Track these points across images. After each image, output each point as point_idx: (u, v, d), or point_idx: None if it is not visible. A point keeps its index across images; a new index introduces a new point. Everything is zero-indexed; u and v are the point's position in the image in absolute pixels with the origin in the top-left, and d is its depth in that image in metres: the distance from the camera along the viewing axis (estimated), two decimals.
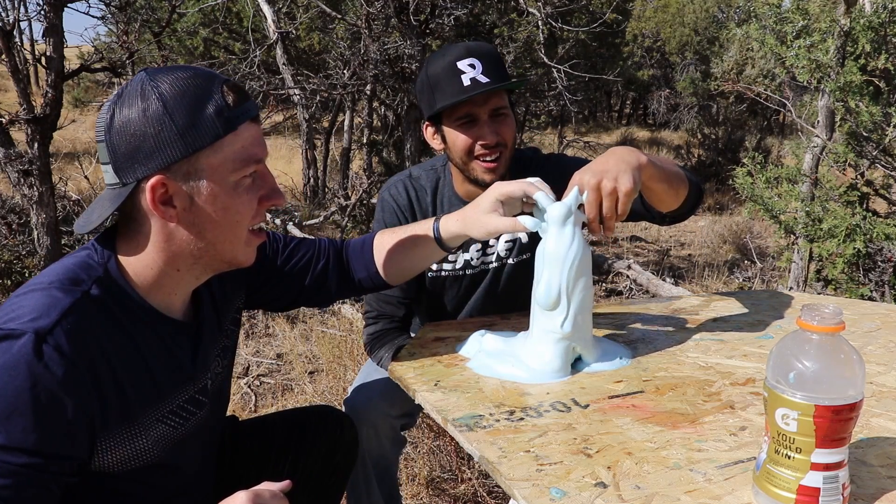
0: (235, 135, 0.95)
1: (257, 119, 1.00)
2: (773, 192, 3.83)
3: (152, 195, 0.93)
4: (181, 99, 0.92)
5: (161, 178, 0.92)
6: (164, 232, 0.97)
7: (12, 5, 3.66)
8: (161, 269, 0.99)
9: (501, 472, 0.89)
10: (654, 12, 14.47)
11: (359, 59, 5.54)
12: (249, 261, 1.06)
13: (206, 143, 0.93)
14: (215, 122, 0.93)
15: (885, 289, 3.47)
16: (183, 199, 0.95)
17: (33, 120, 3.26)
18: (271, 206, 1.03)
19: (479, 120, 1.50)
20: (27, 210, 3.69)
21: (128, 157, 0.92)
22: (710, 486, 0.85)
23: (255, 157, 0.98)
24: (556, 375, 1.17)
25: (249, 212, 1.00)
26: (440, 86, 1.49)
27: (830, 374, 0.77)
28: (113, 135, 0.92)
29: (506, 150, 1.52)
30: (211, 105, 0.93)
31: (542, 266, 1.20)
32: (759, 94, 7.53)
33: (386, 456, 1.68)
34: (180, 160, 0.92)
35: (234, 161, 0.96)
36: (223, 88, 0.95)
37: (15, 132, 3.71)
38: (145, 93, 0.92)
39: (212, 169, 0.95)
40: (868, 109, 3.30)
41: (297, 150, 9.06)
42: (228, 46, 8.91)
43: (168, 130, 0.91)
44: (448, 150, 1.56)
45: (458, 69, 1.47)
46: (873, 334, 1.40)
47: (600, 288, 4.82)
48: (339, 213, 5.49)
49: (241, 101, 0.96)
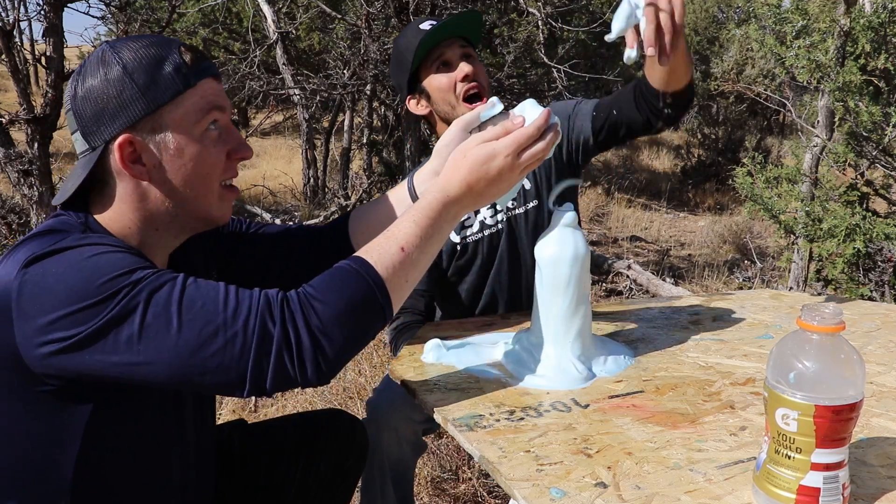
0: (195, 89, 0.99)
1: (217, 77, 1.03)
2: (773, 192, 3.83)
3: (120, 154, 0.96)
4: (141, 62, 0.96)
5: (128, 137, 0.96)
6: (138, 192, 0.99)
7: (12, 5, 3.67)
8: (140, 228, 1.01)
9: (501, 472, 0.89)
10: None
11: (359, 59, 5.54)
12: (225, 217, 1.08)
13: (167, 98, 0.97)
14: (175, 78, 0.97)
15: (885, 289, 3.47)
16: (151, 156, 0.98)
17: (33, 120, 3.26)
18: (240, 158, 1.05)
19: (452, 63, 1.61)
20: (27, 210, 3.69)
21: (94, 121, 0.96)
22: (710, 486, 0.85)
23: (215, 103, 1.01)
24: (577, 382, 1.17)
25: (219, 164, 1.02)
26: (409, 46, 1.60)
27: (830, 375, 0.77)
28: (78, 102, 0.97)
29: (484, 89, 1.61)
30: (169, 64, 0.97)
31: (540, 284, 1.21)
32: (759, 94, 7.54)
33: (405, 460, 1.68)
34: (144, 117, 0.96)
35: (195, 112, 0.99)
36: (180, 49, 0.99)
37: (15, 132, 3.71)
38: (106, 60, 0.96)
39: (175, 122, 0.98)
40: (868, 109, 3.30)
41: (297, 150, 9.06)
42: (228, 46, 8.91)
43: (130, 90, 0.95)
44: (434, 105, 1.64)
45: (420, 29, 1.59)
46: (873, 334, 1.40)
47: (600, 288, 4.82)
48: (339, 213, 5.49)
49: (198, 60, 1.00)
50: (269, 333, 0.86)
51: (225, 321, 0.86)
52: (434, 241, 1.03)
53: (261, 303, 0.88)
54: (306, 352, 0.87)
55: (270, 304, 0.89)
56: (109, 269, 0.86)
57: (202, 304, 0.87)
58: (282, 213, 6.53)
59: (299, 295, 0.91)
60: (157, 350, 0.85)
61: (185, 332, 0.85)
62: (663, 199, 8.20)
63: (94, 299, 0.84)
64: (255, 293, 0.90)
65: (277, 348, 0.86)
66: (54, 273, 0.86)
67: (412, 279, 1.00)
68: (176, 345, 0.85)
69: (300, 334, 0.87)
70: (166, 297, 0.86)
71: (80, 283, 0.85)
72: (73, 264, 0.87)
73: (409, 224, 1.01)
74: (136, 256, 0.91)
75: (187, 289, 0.88)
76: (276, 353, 0.86)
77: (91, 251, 0.88)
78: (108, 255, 0.88)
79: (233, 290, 0.90)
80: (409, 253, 0.98)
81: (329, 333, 0.88)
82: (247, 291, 0.90)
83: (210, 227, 1.09)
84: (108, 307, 0.84)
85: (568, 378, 1.15)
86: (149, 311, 0.85)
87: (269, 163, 9.74)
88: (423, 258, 1.01)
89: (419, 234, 1.00)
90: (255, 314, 0.87)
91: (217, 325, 0.86)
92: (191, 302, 0.87)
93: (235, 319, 0.86)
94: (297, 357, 0.87)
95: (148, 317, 0.85)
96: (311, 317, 0.88)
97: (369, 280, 0.94)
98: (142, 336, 0.85)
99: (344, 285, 0.92)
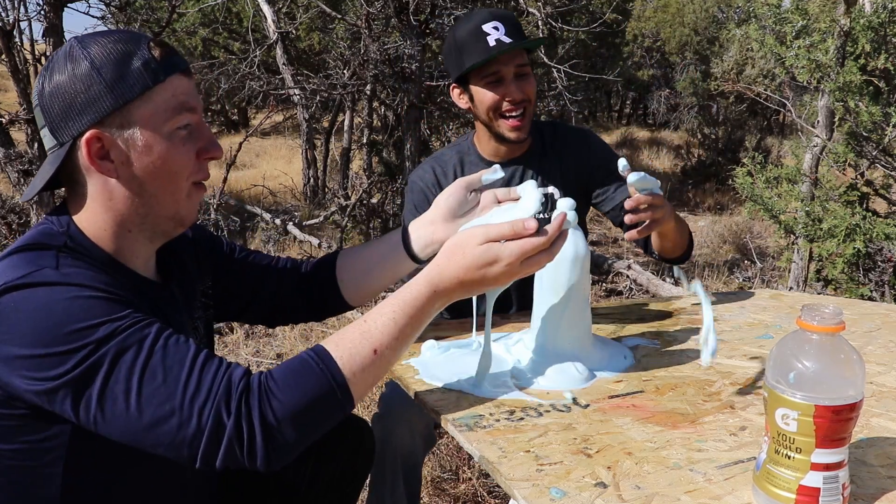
0: (164, 85, 0.97)
1: (188, 73, 1.02)
2: (773, 192, 3.83)
3: (88, 149, 0.95)
4: (108, 56, 0.95)
5: (95, 133, 0.95)
6: (106, 189, 0.98)
7: (12, 5, 3.67)
8: (114, 231, 1.00)
9: (501, 472, 0.89)
10: (654, 12, 14.46)
11: (359, 59, 5.54)
12: (191, 218, 1.07)
13: (136, 93, 0.95)
14: (143, 73, 0.96)
15: (885, 289, 3.47)
16: (119, 153, 0.97)
17: (33, 120, 3.26)
18: (210, 158, 1.04)
19: (505, 78, 1.62)
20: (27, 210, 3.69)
21: (61, 117, 0.95)
22: (710, 486, 0.85)
23: (187, 104, 0.99)
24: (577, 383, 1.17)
25: (188, 163, 1.01)
26: (467, 47, 1.61)
27: (830, 375, 0.77)
28: (45, 98, 0.96)
29: (529, 105, 1.65)
30: (138, 59, 0.96)
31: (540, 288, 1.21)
32: (759, 94, 7.54)
33: (416, 453, 1.69)
34: (112, 112, 0.95)
35: (165, 110, 0.97)
36: (149, 44, 0.98)
37: (15, 132, 3.71)
38: (74, 56, 0.95)
39: (144, 119, 0.97)
40: (868, 109, 3.30)
41: (297, 150, 9.06)
42: (228, 46, 8.92)
43: (97, 85, 0.94)
44: (475, 108, 1.68)
45: (484, 31, 1.59)
46: (873, 334, 1.40)
47: (600, 288, 4.82)
48: (339, 213, 5.49)
49: (167, 54, 0.99)
50: (222, 424, 0.86)
51: (182, 404, 0.86)
52: (410, 338, 1.00)
53: (220, 390, 0.88)
54: (257, 445, 0.87)
55: (230, 394, 0.88)
56: (79, 318, 0.86)
57: (164, 380, 0.86)
58: (282, 213, 6.52)
59: (260, 387, 0.90)
60: (112, 418, 0.86)
61: (142, 407, 0.85)
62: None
63: (58, 348, 0.84)
64: (220, 375, 0.89)
65: (228, 439, 0.86)
66: (24, 311, 0.85)
67: (380, 376, 0.98)
68: (130, 419, 0.86)
69: (254, 429, 0.87)
70: (130, 362, 0.86)
71: (48, 327, 0.85)
72: (44, 306, 0.86)
73: (386, 322, 0.97)
74: (111, 302, 0.89)
75: (153, 356, 0.87)
76: (226, 442, 0.86)
77: (65, 293, 0.87)
78: (81, 301, 0.87)
79: (198, 366, 0.89)
80: (381, 354, 0.96)
81: (283, 431, 0.88)
82: (212, 369, 0.89)
83: (181, 228, 1.07)
84: (70, 360, 0.84)
85: (568, 378, 1.15)
86: (111, 376, 0.85)
87: (269, 163, 9.75)
88: (396, 356, 0.99)
89: (396, 336, 0.97)
90: (212, 402, 0.87)
91: (174, 406, 0.86)
92: (153, 375, 0.86)
93: (192, 404, 0.86)
94: (247, 448, 0.87)
95: (110, 382, 0.85)
96: (267, 413, 0.88)
97: (332, 381, 0.92)
98: (100, 401, 0.85)
99: (306, 384, 0.91)
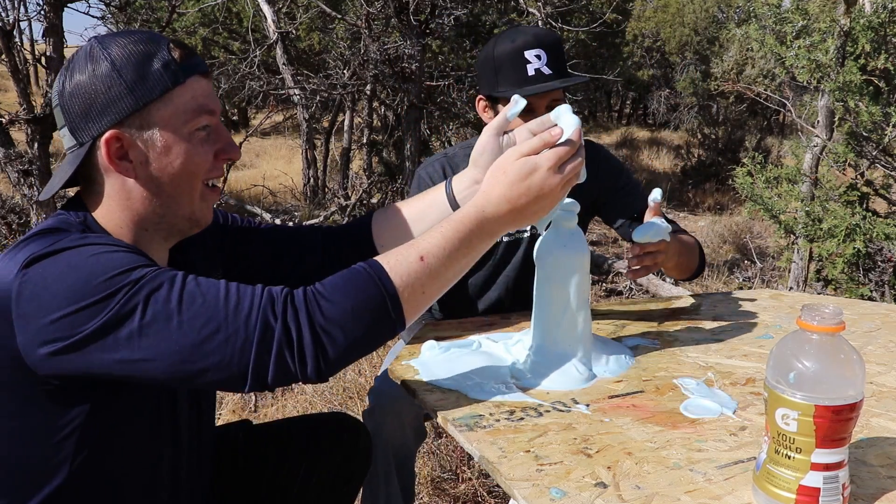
0: (184, 87, 0.98)
1: (207, 75, 1.02)
2: (773, 192, 3.83)
3: (107, 149, 0.95)
4: (129, 58, 0.95)
5: (115, 133, 0.95)
6: (124, 189, 0.99)
7: (12, 5, 3.66)
8: (130, 229, 1.01)
9: (501, 472, 0.89)
10: (654, 12, 14.46)
11: (359, 59, 5.54)
12: (207, 219, 1.07)
13: (156, 95, 0.96)
14: (163, 74, 0.96)
15: (885, 289, 3.47)
16: (138, 153, 0.97)
17: (33, 120, 3.27)
18: (227, 159, 1.04)
19: (535, 111, 1.54)
20: (27, 210, 3.69)
21: (81, 116, 0.96)
22: (710, 486, 0.85)
23: (206, 107, 1.00)
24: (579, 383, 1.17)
25: (205, 164, 1.01)
26: (504, 70, 1.56)
27: (830, 375, 0.77)
28: (66, 98, 0.96)
29: None
30: (157, 60, 0.96)
31: None
32: (759, 94, 7.54)
33: (407, 446, 1.70)
34: (132, 114, 0.95)
35: (185, 112, 0.98)
36: (169, 45, 0.98)
37: (15, 132, 3.71)
38: (94, 56, 0.96)
39: (164, 121, 0.97)
40: (868, 109, 3.30)
41: (297, 150, 9.05)
42: (228, 46, 8.91)
43: (118, 86, 0.94)
44: None
45: (525, 58, 1.53)
46: (873, 334, 1.40)
47: (600, 288, 4.82)
48: (339, 213, 5.49)
49: (187, 56, 0.99)
50: (270, 329, 0.86)
51: (226, 317, 0.86)
52: (461, 257, 0.98)
53: (263, 298, 0.88)
54: (307, 348, 0.86)
55: (273, 300, 0.88)
56: (108, 268, 0.86)
57: (203, 301, 0.87)
58: (282, 213, 6.52)
59: (306, 292, 0.90)
60: (157, 347, 0.85)
61: (185, 328, 0.85)
62: (663, 199, 8.17)
63: (92, 298, 0.84)
64: (258, 289, 0.90)
65: (279, 344, 0.86)
66: (53, 273, 0.86)
67: (431, 292, 0.96)
68: (177, 341, 0.85)
69: (302, 331, 0.87)
70: (166, 294, 0.86)
71: (80, 282, 0.85)
72: (72, 264, 0.87)
73: (435, 235, 0.97)
74: (136, 255, 0.91)
75: (187, 286, 0.88)
76: (276, 349, 0.86)
77: (90, 251, 0.88)
78: (107, 255, 0.88)
79: (234, 287, 0.89)
80: (428, 264, 0.95)
81: (331, 332, 0.88)
82: (249, 288, 0.90)
83: (196, 229, 1.08)
84: (107, 306, 0.84)
85: (569, 379, 1.15)
86: (148, 309, 0.85)
87: (269, 163, 9.74)
88: (447, 273, 0.97)
89: (444, 247, 0.96)
90: (256, 310, 0.87)
91: (218, 321, 0.86)
92: (191, 298, 0.86)
93: (237, 315, 0.86)
94: (297, 353, 0.86)
95: (147, 315, 0.85)
96: (316, 314, 0.88)
97: (381, 288, 0.91)
98: (142, 333, 0.85)
99: (354, 287, 0.91)
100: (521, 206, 1.00)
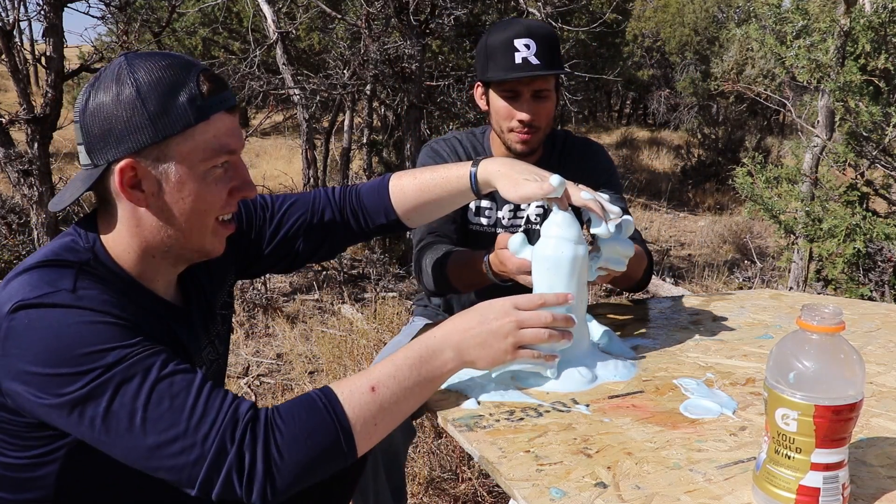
0: (207, 124, 0.96)
1: (233, 110, 1.00)
2: (772, 192, 3.83)
3: (120, 178, 0.94)
4: (155, 86, 0.93)
5: (130, 162, 0.94)
6: (135, 216, 0.98)
7: (12, 5, 3.67)
8: (138, 254, 1.00)
9: (501, 472, 0.89)
10: (654, 12, 14.45)
11: (359, 59, 5.54)
12: (218, 251, 1.06)
13: (177, 130, 0.94)
14: (187, 109, 0.94)
15: (885, 289, 3.47)
16: (151, 184, 0.96)
17: (33, 120, 3.27)
18: (242, 197, 1.04)
19: (521, 96, 1.63)
20: (27, 210, 3.69)
21: (100, 140, 0.94)
22: (710, 486, 0.85)
23: (227, 147, 0.98)
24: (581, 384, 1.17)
25: (218, 202, 1.01)
26: (495, 56, 1.62)
27: (830, 374, 0.77)
28: (87, 116, 0.95)
29: (538, 131, 1.66)
30: (184, 93, 0.94)
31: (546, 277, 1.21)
32: (759, 94, 7.54)
33: (395, 444, 1.69)
34: (150, 146, 0.94)
35: (204, 150, 0.96)
36: (199, 77, 0.96)
37: (15, 132, 3.71)
38: (121, 78, 0.94)
39: (181, 155, 0.96)
40: (868, 109, 3.30)
41: (297, 150, 9.05)
42: (228, 46, 8.91)
43: (139, 116, 0.93)
44: (491, 113, 1.71)
45: (514, 46, 1.59)
46: (873, 334, 1.40)
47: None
48: None
49: (216, 90, 0.97)
50: (224, 453, 0.87)
51: (186, 430, 0.86)
52: (411, 385, 0.98)
53: (227, 418, 0.88)
54: (257, 477, 0.87)
55: (236, 423, 0.88)
56: (89, 342, 0.86)
57: (169, 405, 0.87)
58: None
59: (267, 420, 0.90)
60: (115, 438, 0.86)
61: (147, 427, 0.86)
62: (663, 199, 8.20)
63: (66, 370, 0.85)
64: (226, 405, 0.89)
65: (228, 469, 0.87)
66: (37, 330, 0.86)
67: (383, 425, 0.96)
68: (135, 438, 0.86)
69: (256, 459, 0.87)
70: (135, 390, 0.86)
71: (58, 349, 0.85)
72: (56, 328, 0.86)
73: (385, 363, 0.98)
74: (123, 328, 0.89)
75: (159, 384, 0.87)
76: (226, 471, 0.86)
77: (77, 316, 0.87)
78: (92, 326, 0.87)
79: (204, 395, 0.89)
80: (380, 394, 0.95)
81: (282, 466, 0.88)
82: (218, 399, 0.89)
83: (205, 258, 1.07)
84: (78, 382, 0.85)
85: (572, 382, 1.15)
86: (116, 399, 0.86)
87: (269, 163, 9.74)
88: (399, 404, 0.97)
89: (393, 375, 0.97)
90: (217, 430, 0.87)
91: (178, 431, 0.86)
92: (159, 399, 0.86)
93: (197, 430, 0.86)
94: (246, 479, 0.87)
95: (114, 405, 0.86)
96: (271, 445, 0.88)
97: (336, 423, 0.91)
98: (104, 420, 0.86)
99: (310, 421, 0.91)
100: (466, 346, 1.03)
